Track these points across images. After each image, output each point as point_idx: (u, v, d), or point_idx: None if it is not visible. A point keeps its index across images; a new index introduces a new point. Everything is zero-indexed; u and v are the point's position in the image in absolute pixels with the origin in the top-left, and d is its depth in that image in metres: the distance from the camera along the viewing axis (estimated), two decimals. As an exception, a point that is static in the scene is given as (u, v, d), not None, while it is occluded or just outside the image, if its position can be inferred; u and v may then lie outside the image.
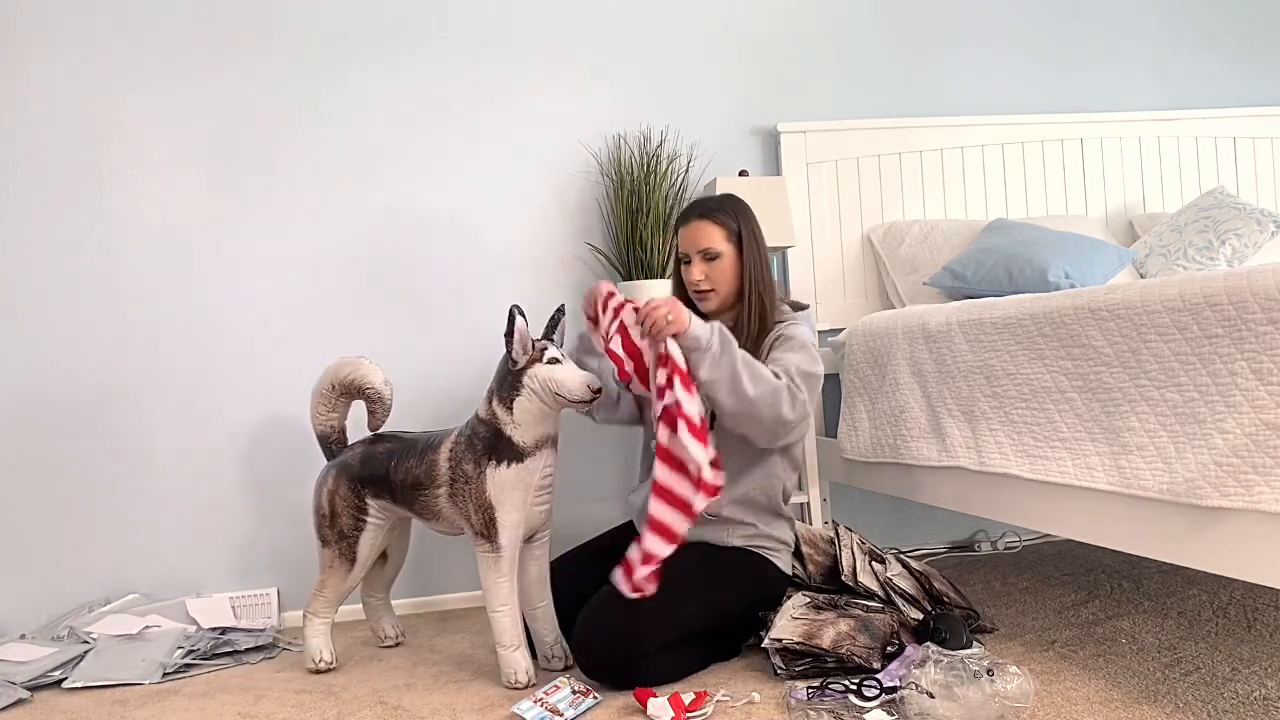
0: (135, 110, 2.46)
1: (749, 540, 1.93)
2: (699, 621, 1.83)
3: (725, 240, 1.94)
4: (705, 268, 1.95)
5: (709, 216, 1.96)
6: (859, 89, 2.91)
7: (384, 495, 1.99)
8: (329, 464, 2.08)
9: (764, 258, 1.98)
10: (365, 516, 2.00)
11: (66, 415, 2.42)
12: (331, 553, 2.00)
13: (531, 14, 2.69)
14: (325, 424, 2.11)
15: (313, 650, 2.03)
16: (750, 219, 1.98)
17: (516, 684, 1.83)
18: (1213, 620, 1.97)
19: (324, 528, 2.01)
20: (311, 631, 2.04)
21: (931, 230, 2.75)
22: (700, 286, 1.96)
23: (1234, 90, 3.17)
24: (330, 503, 2.00)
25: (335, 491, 2.00)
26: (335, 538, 2.00)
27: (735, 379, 1.70)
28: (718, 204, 1.99)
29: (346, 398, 2.10)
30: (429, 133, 2.62)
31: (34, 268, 2.41)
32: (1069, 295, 1.66)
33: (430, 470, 1.91)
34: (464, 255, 2.63)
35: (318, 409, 2.10)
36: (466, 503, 1.86)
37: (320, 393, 2.09)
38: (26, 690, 1.98)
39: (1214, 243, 2.59)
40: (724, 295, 1.96)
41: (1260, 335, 1.29)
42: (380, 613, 2.24)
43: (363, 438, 2.09)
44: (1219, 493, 1.33)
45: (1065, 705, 1.56)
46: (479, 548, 1.86)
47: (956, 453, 1.96)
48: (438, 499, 1.91)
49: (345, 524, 1.99)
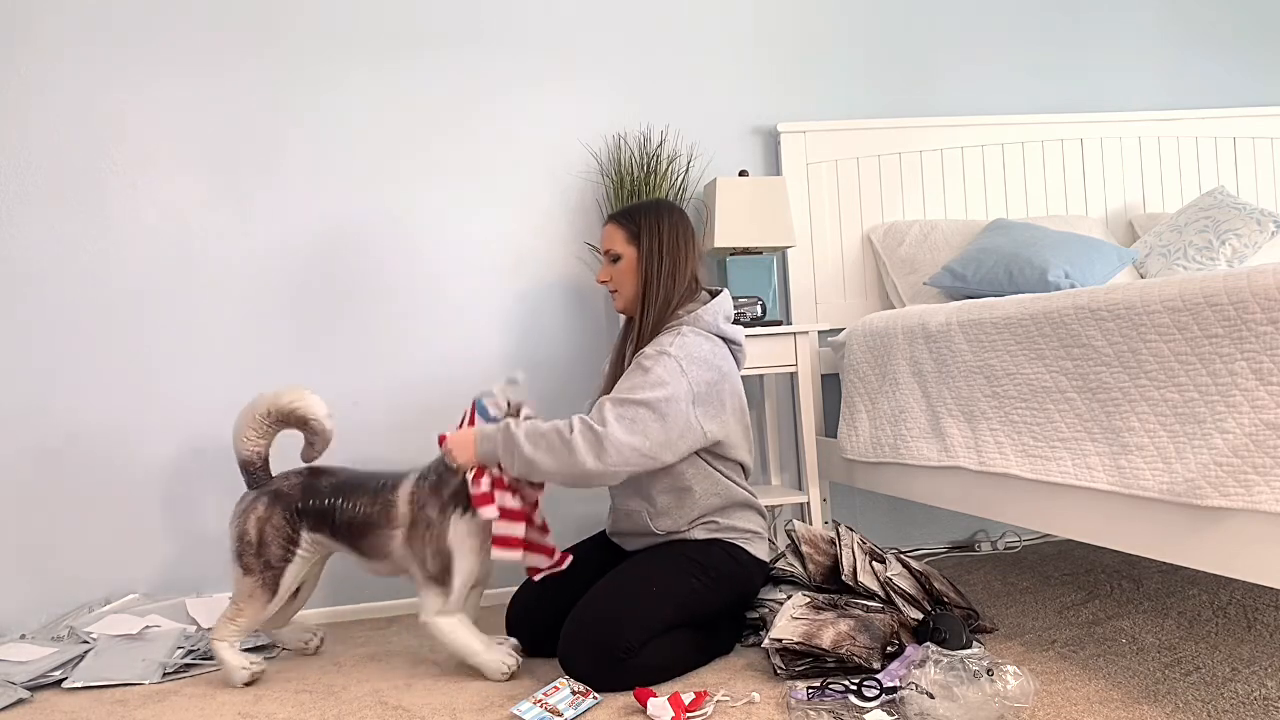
0: (135, 110, 2.47)
1: (713, 533, 1.96)
2: (676, 613, 1.84)
3: (625, 243, 2.02)
4: (610, 269, 2.06)
5: (616, 219, 2.05)
6: (859, 89, 2.91)
7: (322, 530, 1.96)
8: (257, 491, 1.99)
9: (676, 260, 1.99)
10: (295, 548, 1.96)
11: (67, 415, 2.42)
12: (253, 582, 1.93)
13: (532, 15, 2.69)
14: (252, 450, 2.00)
15: (236, 664, 1.95)
16: (661, 224, 2.00)
17: (507, 673, 1.87)
18: (1213, 620, 1.97)
19: (248, 555, 1.93)
20: (225, 652, 1.95)
21: (931, 230, 2.75)
22: (608, 286, 2.09)
23: (1234, 90, 3.17)
24: (260, 530, 1.93)
25: (267, 520, 1.94)
26: (260, 567, 1.93)
27: (531, 465, 1.81)
28: (632, 208, 2.05)
29: (280, 426, 2.01)
30: (429, 133, 2.62)
31: (34, 267, 2.41)
32: (1069, 295, 1.66)
33: (386, 510, 1.91)
34: (464, 255, 2.63)
35: (246, 434, 1.99)
36: (424, 547, 1.88)
37: (253, 417, 1.99)
38: (26, 690, 1.98)
39: (1214, 243, 2.59)
40: (627, 296, 2.04)
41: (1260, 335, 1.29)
42: (290, 632, 2.18)
43: (295, 468, 2.03)
44: (1219, 493, 1.33)
45: (1065, 705, 1.56)
46: (427, 589, 1.89)
47: (956, 453, 1.96)
48: (391, 540, 1.91)
49: (273, 554, 1.94)
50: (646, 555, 1.93)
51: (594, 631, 1.76)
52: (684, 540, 1.95)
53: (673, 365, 1.85)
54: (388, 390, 2.57)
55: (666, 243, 1.99)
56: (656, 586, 1.83)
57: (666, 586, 1.84)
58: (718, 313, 1.98)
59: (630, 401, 1.82)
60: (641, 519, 1.97)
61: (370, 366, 2.57)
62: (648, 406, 1.81)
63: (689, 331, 1.92)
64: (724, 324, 1.99)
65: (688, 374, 1.86)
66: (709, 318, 1.95)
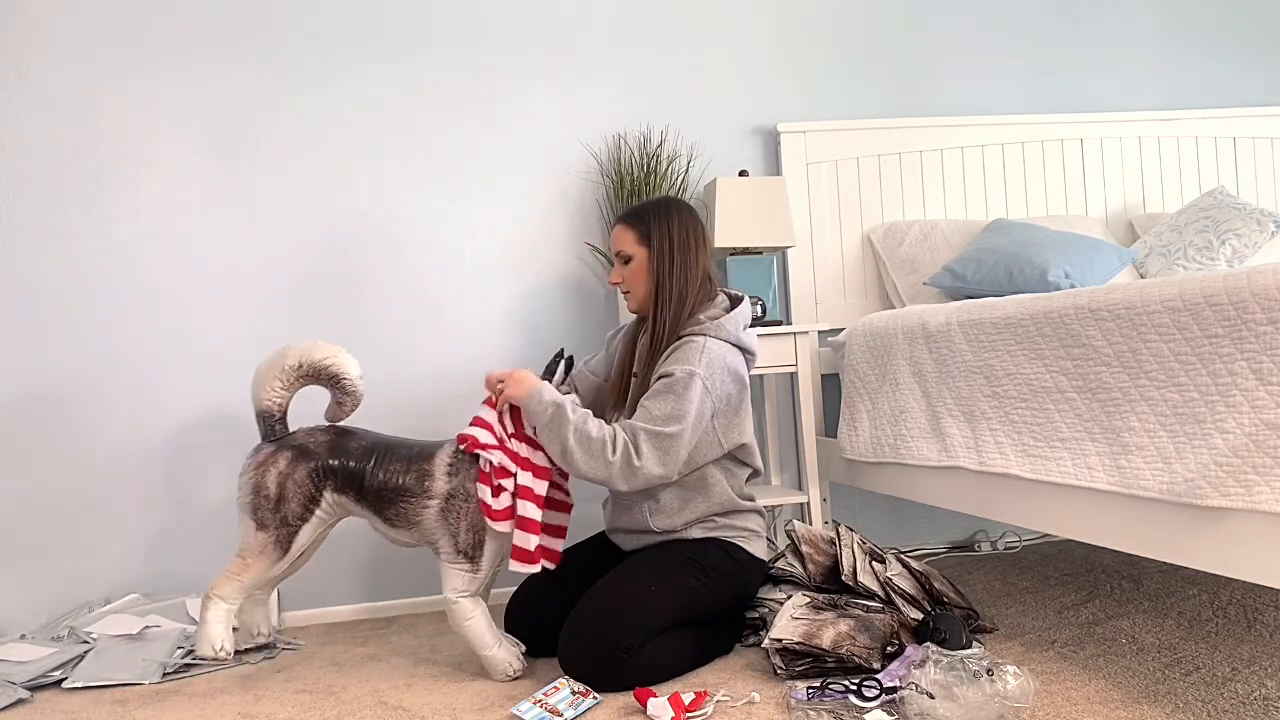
0: (135, 110, 2.47)
1: (710, 532, 1.96)
2: (676, 612, 1.84)
3: (636, 243, 2.00)
4: (622, 270, 2.04)
5: (625, 220, 2.03)
6: (859, 89, 2.91)
7: (346, 491, 1.90)
8: (275, 443, 1.92)
9: (687, 259, 1.98)
10: (315, 508, 1.89)
11: (67, 414, 2.42)
12: (267, 537, 1.87)
13: (532, 14, 2.69)
14: (273, 401, 1.94)
15: (214, 637, 1.86)
16: (670, 223, 1.99)
17: (512, 676, 1.86)
18: (1213, 620, 1.97)
19: (264, 510, 1.86)
20: (214, 615, 1.87)
21: (931, 230, 2.75)
22: (620, 288, 2.07)
23: (1234, 90, 3.17)
24: (280, 485, 1.87)
25: (289, 475, 1.87)
26: (276, 523, 1.86)
27: (566, 452, 1.83)
28: (640, 208, 2.03)
29: (308, 381, 1.96)
30: (430, 132, 2.62)
31: (34, 267, 2.41)
32: (1069, 295, 1.66)
33: (421, 480, 1.88)
34: (464, 254, 2.63)
35: (271, 384, 1.92)
36: (459, 520, 1.85)
37: (282, 368, 1.92)
38: (26, 690, 1.98)
39: (1214, 243, 2.59)
40: (640, 296, 2.03)
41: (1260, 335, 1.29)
42: (256, 608, 2.10)
43: (318, 425, 1.99)
44: (1219, 493, 1.33)
45: (1065, 705, 1.56)
46: (455, 564, 1.86)
47: (956, 453, 1.96)
48: (424, 510, 1.87)
49: (291, 510, 1.87)
50: (645, 555, 1.93)
51: (594, 631, 1.76)
52: (682, 540, 1.95)
53: (699, 387, 1.85)
54: (388, 390, 2.58)
55: (677, 241, 1.98)
56: (656, 586, 1.83)
57: (666, 586, 1.84)
58: (739, 323, 1.97)
59: (665, 435, 1.82)
60: (640, 515, 1.97)
61: (371, 365, 2.57)
62: (679, 438, 1.84)
63: (713, 344, 1.91)
64: (743, 335, 1.98)
65: (713, 392, 1.88)
66: (731, 327, 1.95)
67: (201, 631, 1.87)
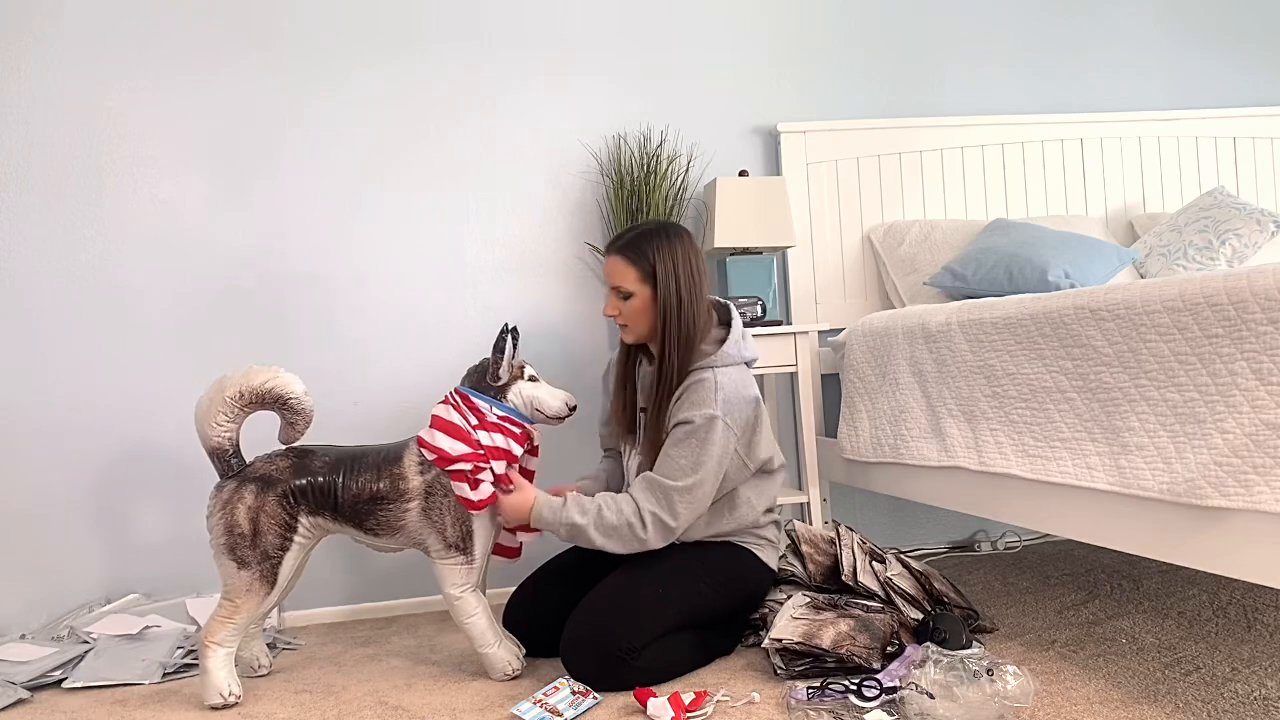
0: (135, 110, 2.47)
1: (725, 537, 1.95)
2: (681, 616, 1.83)
3: (638, 281, 1.89)
4: (620, 304, 1.93)
5: (624, 254, 1.91)
6: (859, 89, 2.91)
7: (323, 512, 1.86)
8: (237, 479, 1.85)
9: (690, 293, 1.88)
10: (293, 535, 1.84)
11: (67, 414, 2.42)
12: (250, 575, 1.81)
13: (532, 15, 2.69)
14: (221, 436, 1.85)
15: (219, 685, 1.81)
16: (672, 253, 1.88)
17: (511, 675, 1.86)
18: (1213, 620, 1.97)
19: (241, 548, 1.80)
20: (215, 663, 1.81)
21: (931, 230, 2.75)
22: (616, 321, 1.97)
23: (1234, 90, 3.17)
24: (252, 520, 1.81)
25: (259, 507, 1.81)
26: (257, 558, 1.81)
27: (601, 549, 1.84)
28: (637, 238, 1.91)
29: (252, 408, 1.87)
30: (429, 133, 2.62)
31: (35, 267, 2.41)
32: (1069, 295, 1.66)
33: (395, 483, 1.85)
34: (464, 254, 2.63)
35: (215, 419, 1.84)
36: (443, 515, 1.84)
37: (222, 401, 1.83)
38: (26, 690, 1.98)
39: (1214, 243, 2.59)
40: (640, 333, 1.95)
41: (1260, 335, 1.29)
42: (252, 642, 2.04)
43: (274, 451, 1.92)
44: (1219, 493, 1.33)
45: (1065, 705, 1.56)
46: (449, 560, 1.85)
47: (956, 453, 1.96)
48: (405, 513, 1.85)
49: (270, 542, 1.81)
50: (653, 556, 1.88)
51: (598, 633, 1.75)
52: (694, 542, 1.93)
53: (720, 429, 1.83)
54: (387, 389, 2.57)
55: (683, 280, 1.88)
56: (663, 589, 1.82)
57: (673, 590, 1.83)
58: (740, 343, 1.95)
59: (694, 486, 1.81)
60: None
61: (371, 365, 2.57)
62: (706, 482, 1.83)
63: (723, 376, 1.86)
64: (745, 350, 1.96)
65: (734, 427, 1.86)
66: (734, 351, 1.92)
67: (206, 681, 1.82)
